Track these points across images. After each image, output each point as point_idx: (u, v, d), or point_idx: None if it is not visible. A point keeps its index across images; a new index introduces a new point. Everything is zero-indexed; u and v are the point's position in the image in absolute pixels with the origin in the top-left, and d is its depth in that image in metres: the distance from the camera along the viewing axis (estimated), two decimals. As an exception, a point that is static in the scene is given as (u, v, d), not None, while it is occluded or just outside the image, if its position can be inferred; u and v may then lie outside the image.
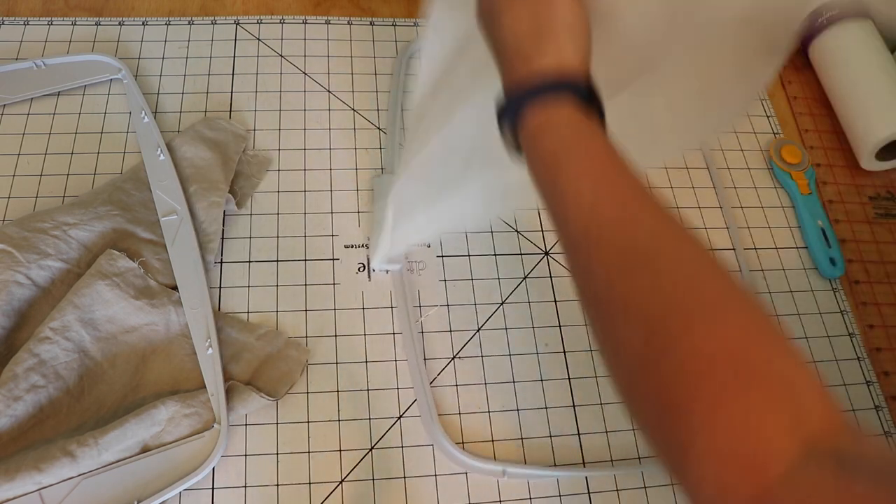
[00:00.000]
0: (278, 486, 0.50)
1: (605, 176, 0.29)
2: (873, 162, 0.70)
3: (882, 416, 0.58)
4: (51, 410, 0.49)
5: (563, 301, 0.60)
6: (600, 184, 0.29)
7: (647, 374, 0.26)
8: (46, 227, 0.53)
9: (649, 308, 0.26)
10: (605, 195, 0.28)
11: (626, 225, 0.28)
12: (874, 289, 0.65)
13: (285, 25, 0.71)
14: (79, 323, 0.51)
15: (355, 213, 0.61)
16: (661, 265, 0.27)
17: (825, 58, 0.73)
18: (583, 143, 0.30)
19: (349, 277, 0.58)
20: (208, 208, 0.58)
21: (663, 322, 0.25)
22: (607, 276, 0.27)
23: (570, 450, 0.54)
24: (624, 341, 0.27)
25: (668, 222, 0.28)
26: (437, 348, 0.56)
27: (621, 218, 0.28)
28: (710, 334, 0.25)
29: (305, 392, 0.54)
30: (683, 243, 0.28)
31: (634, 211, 0.28)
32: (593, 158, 0.30)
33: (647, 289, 0.26)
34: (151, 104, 0.64)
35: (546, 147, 0.31)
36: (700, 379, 0.24)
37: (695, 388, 0.24)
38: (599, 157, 0.30)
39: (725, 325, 0.25)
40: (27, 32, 0.67)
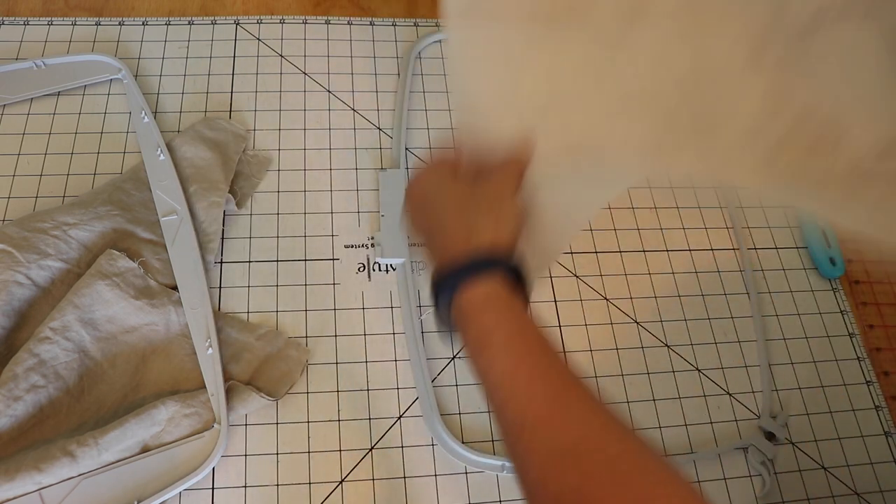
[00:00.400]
0: (278, 486, 0.50)
1: (537, 364, 0.31)
2: (873, 162, 0.70)
3: (882, 416, 0.58)
4: (51, 410, 0.49)
5: (563, 301, 0.60)
6: (533, 374, 0.30)
7: None
8: (46, 227, 0.53)
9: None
10: (538, 390, 0.30)
11: (556, 424, 0.29)
12: (874, 289, 0.65)
13: (285, 25, 0.71)
14: (79, 323, 0.51)
15: (355, 213, 0.61)
16: (588, 466, 0.28)
17: (825, 58, 0.73)
18: (514, 324, 0.32)
19: (349, 277, 0.58)
20: (208, 208, 0.58)
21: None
22: (541, 473, 0.29)
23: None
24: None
25: (595, 415, 0.30)
26: (437, 348, 0.56)
27: (552, 416, 0.29)
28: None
29: (305, 392, 0.54)
30: (611, 439, 0.29)
31: (565, 405, 0.30)
32: (525, 342, 0.32)
33: (575, 489, 0.27)
34: (151, 104, 0.64)
35: (483, 324, 0.32)
36: None
37: None
38: (529, 343, 0.32)
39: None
40: (27, 32, 0.67)
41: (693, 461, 0.54)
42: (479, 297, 0.33)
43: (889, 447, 0.57)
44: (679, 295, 0.61)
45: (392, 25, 0.72)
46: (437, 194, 0.38)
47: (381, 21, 0.73)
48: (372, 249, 0.60)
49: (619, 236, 0.63)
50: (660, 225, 0.64)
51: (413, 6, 0.74)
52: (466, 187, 0.38)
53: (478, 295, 0.33)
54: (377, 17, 0.73)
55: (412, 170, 0.40)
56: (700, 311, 0.61)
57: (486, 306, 0.33)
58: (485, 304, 0.33)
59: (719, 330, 0.60)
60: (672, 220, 0.65)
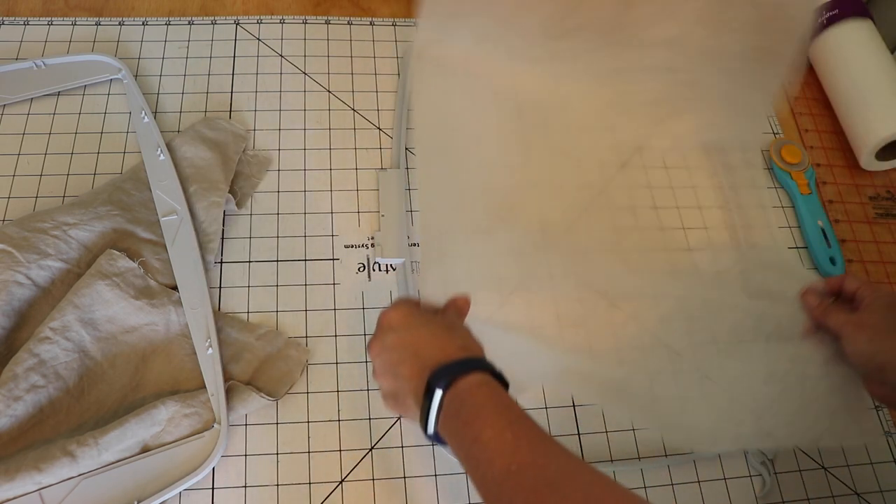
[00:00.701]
0: (278, 486, 0.50)
1: (521, 427, 0.38)
2: (873, 162, 0.70)
3: (882, 416, 0.58)
4: (51, 410, 0.49)
5: (563, 301, 0.60)
6: (518, 434, 0.38)
7: None
8: (46, 227, 0.53)
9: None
10: (523, 444, 0.37)
11: (539, 465, 0.36)
12: (874, 289, 0.65)
13: (285, 25, 0.71)
14: (79, 323, 0.51)
15: (355, 213, 0.61)
16: (566, 490, 0.34)
17: (825, 58, 0.73)
18: (501, 402, 0.40)
19: (349, 277, 0.58)
20: (208, 208, 0.58)
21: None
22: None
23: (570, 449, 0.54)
24: None
25: (568, 459, 0.37)
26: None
27: (536, 460, 0.36)
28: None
29: (305, 392, 0.54)
30: (583, 472, 0.36)
31: (545, 453, 0.37)
32: (510, 414, 0.39)
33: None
34: (151, 104, 0.64)
35: (477, 400, 0.40)
36: None
37: None
38: (514, 414, 0.39)
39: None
40: (27, 32, 0.67)
41: (693, 461, 0.54)
42: (472, 383, 0.40)
43: (889, 447, 0.57)
44: (679, 295, 0.61)
45: (392, 25, 0.72)
46: (416, 317, 0.46)
47: (381, 21, 0.73)
48: (372, 249, 0.60)
49: (619, 236, 0.63)
50: (660, 225, 0.64)
51: (413, 6, 0.74)
52: (434, 315, 0.47)
53: (471, 381, 0.40)
54: (377, 17, 0.73)
55: (383, 310, 0.48)
56: (700, 311, 0.61)
57: (478, 389, 0.40)
58: (478, 387, 0.40)
59: (720, 330, 0.60)
60: (672, 220, 0.65)
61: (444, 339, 0.44)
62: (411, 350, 0.43)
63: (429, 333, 0.44)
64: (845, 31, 0.72)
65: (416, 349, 0.43)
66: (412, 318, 0.46)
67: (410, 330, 0.45)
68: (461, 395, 0.40)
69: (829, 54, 0.73)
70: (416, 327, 0.45)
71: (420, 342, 0.44)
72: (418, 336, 0.44)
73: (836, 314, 0.54)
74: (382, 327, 0.46)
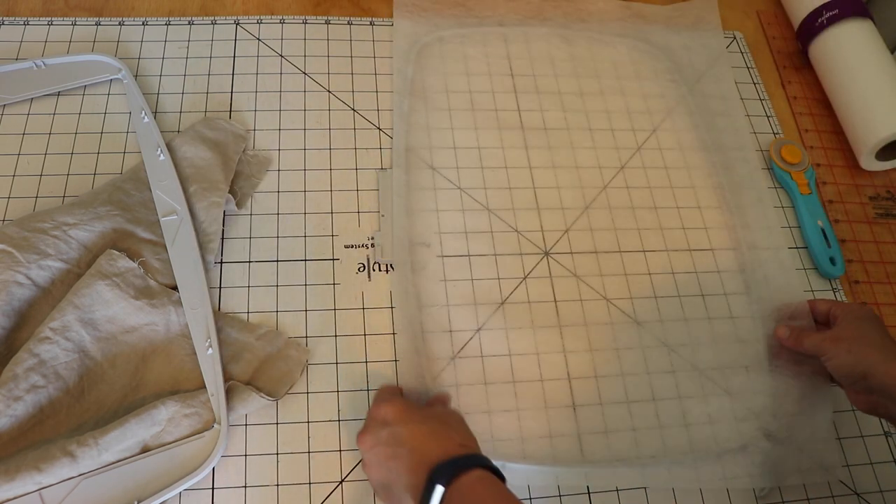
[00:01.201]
0: (278, 486, 0.50)
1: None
2: (873, 162, 0.70)
3: (882, 416, 0.58)
4: (51, 410, 0.49)
5: (563, 301, 0.60)
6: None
7: None
8: (46, 227, 0.53)
9: None
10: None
11: None
12: (874, 289, 0.65)
13: (285, 25, 0.71)
14: (79, 323, 0.51)
15: (355, 213, 0.61)
16: None
17: (825, 58, 0.73)
18: (501, 496, 0.42)
19: (349, 277, 0.58)
20: (208, 208, 0.58)
21: None
22: None
23: (570, 449, 0.54)
24: None
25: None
26: (437, 348, 0.56)
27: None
28: None
29: (305, 392, 0.54)
30: None
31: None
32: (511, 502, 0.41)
33: None
34: (151, 104, 0.64)
35: (478, 494, 0.41)
36: None
37: None
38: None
39: None
40: (27, 32, 0.67)
41: (693, 461, 0.54)
42: (472, 479, 0.42)
43: (889, 447, 0.57)
44: (679, 295, 0.61)
45: (392, 25, 0.72)
46: (412, 413, 0.47)
47: (381, 21, 0.73)
48: (372, 249, 0.60)
49: (619, 236, 0.63)
50: (660, 225, 0.64)
51: (413, 6, 0.74)
52: (431, 411, 0.48)
53: (471, 477, 0.42)
54: (377, 17, 0.73)
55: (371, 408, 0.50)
56: (700, 311, 0.61)
57: (479, 483, 0.42)
58: (478, 482, 0.42)
59: (719, 330, 0.60)
60: (672, 220, 0.65)
61: (442, 435, 0.45)
62: (409, 446, 0.44)
63: (428, 430, 0.45)
64: (845, 31, 0.72)
65: (414, 445, 0.44)
66: (408, 414, 0.46)
67: (408, 425, 0.45)
68: (462, 491, 0.41)
69: (829, 54, 0.73)
70: (413, 423, 0.45)
71: (418, 438, 0.44)
72: (416, 432, 0.45)
73: (811, 336, 0.55)
74: (376, 421, 0.47)
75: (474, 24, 0.73)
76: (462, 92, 0.68)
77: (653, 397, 0.57)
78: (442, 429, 0.45)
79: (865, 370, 0.50)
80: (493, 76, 0.70)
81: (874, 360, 0.50)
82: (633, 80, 0.73)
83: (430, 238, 0.60)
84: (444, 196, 0.63)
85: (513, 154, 0.66)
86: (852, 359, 0.51)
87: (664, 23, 0.76)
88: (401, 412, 0.46)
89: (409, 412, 0.47)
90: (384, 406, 0.47)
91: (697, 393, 0.57)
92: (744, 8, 0.82)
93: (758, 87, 0.75)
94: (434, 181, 0.63)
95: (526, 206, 0.63)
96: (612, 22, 0.76)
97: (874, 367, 0.49)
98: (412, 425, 0.45)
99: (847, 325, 0.54)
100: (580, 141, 0.68)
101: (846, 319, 0.54)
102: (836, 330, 0.54)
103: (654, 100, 0.72)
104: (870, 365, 0.50)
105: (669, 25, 0.76)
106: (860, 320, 0.54)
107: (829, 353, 0.53)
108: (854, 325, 0.53)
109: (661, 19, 0.77)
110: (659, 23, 0.76)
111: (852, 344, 0.52)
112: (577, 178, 0.66)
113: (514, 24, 0.74)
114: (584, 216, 0.64)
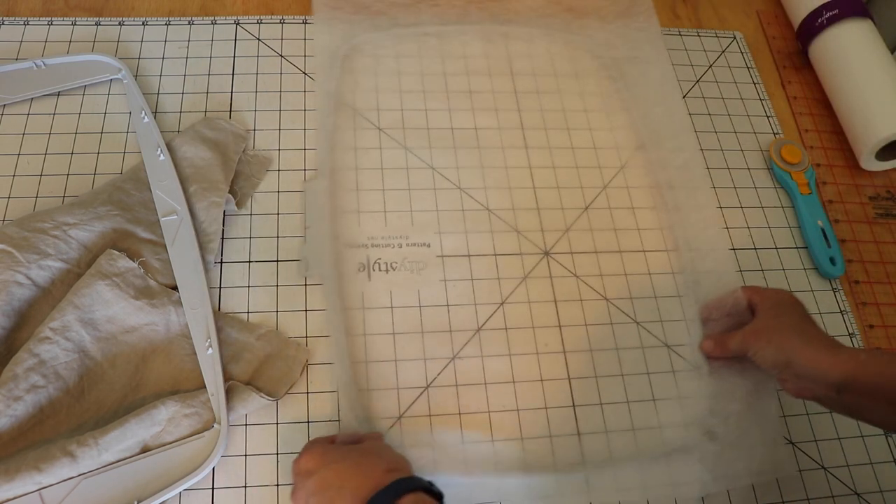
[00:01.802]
0: (278, 486, 0.50)
1: None
2: (873, 162, 0.70)
3: (882, 416, 0.58)
4: (51, 410, 0.49)
5: (563, 301, 0.60)
6: None
7: None
8: (46, 227, 0.53)
9: None
10: None
11: None
12: (874, 289, 0.65)
13: (285, 25, 0.71)
14: (79, 323, 0.51)
15: (356, 213, 0.61)
16: None
17: (825, 58, 0.73)
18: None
19: (349, 277, 0.58)
20: (208, 208, 0.58)
21: None
22: None
23: (570, 450, 0.54)
24: None
25: None
26: (437, 348, 0.56)
27: None
28: None
29: (305, 392, 0.54)
30: None
31: None
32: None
33: None
34: (151, 104, 0.64)
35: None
36: None
37: None
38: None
39: None
40: (27, 32, 0.67)
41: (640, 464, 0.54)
42: (408, 503, 0.40)
43: (889, 447, 0.57)
44: (679, 295, 0.61)
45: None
46: (331, 453, 0.45)
47: (381, 21, 0.73)
48: (372, 249, 0.60)
49: (618, 236, 0.63)
50: (660, 225, 0.64)
51: (413, 6, 0.74)
52: (351, 446, 0.47)
53: (407, 502, 0.40)
54: (377, 17, 0.73)
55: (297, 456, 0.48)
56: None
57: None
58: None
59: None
60: (672, 220, 0.65)
61: (367, 466, 0.43)
62: (335, 487, 0.42)
63: (351, 465, 0.44)
64: (845, 31, 0.72)
65: (341, 484, 0.42)
66: (327, 456, 0.45)
67: (329, 467, 0.44)
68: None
69: (829, 54, 0.73)
70: (334, 463, 0.44)
71: (343, 476, 0.43)
72: (339, 471, 0.43)
73: (731, 338, 0.55)
74: (300, 474, 0.45)
75: (396, 29, 0.70)
76: (395, 110, 0.67)
77: (653, 397, 0.57)
78: (365, 460, 0.44)
79: (788, 358, 0.50)
80: (425, 75, 0.69)
81: (794, 347, 0.50)
82: (571, 77, 0.71)
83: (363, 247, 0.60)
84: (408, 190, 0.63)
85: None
86: (773, 348, 0.51)
87: (596, 13, 0.75)
88: (320, 457, 0.45)
89: (328, 454, 0.45)
90: (303, 457, 0.46)
91: (698, 393, 0.57)
92: (744, 8, 0.82)
93: (758, 87, 0.75)
94: (358, 184, 0.62)
95: (454, 228, 0.64)
96: (543, 18, 0.74)
97: (795, 354, 0.49)
98: (334, 465, 0.44)
99: (765, 314, 0.53)
100: (512, 141, 0.67)
101: (763, 308, 0.54)
102: (756, 322, 0.54)
103: (591, 98, 0.70)
104: (791, 352, 0.49)
105: (602, 17, 0.74)
106: (777, 306, 0.53)
107: (753, 348, 0.52)
108: (771, 313, 0.53)
109: (591, 10, 0.75)
110: (590, 15, 0.75)
111: (772, 334, 0.51)
112: (506, 179, 0.65)
113: (439, 24, 0.72)
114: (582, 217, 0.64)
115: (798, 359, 0.49)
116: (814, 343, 0.49)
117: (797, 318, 0.52)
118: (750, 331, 0.53)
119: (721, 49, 0.77)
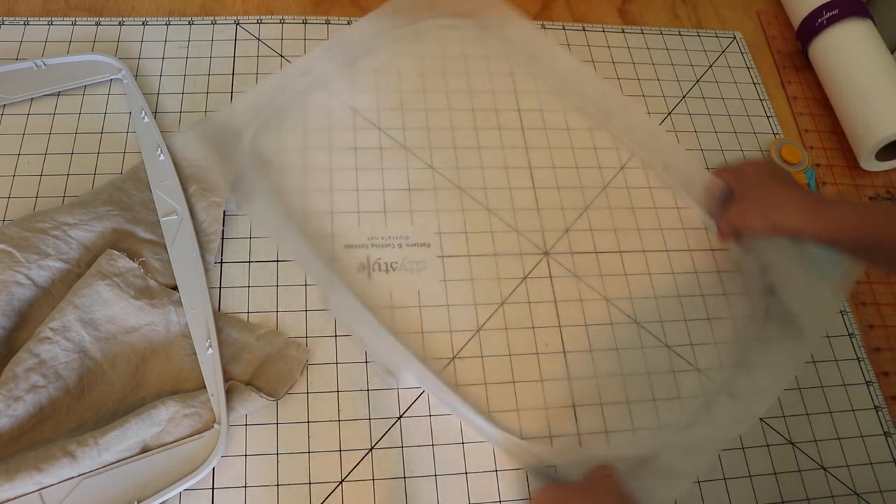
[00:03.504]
0: (278, 486, 0.50)
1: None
2: (873, 162, 0.70)
3: (882, 417, 0.58)
4: (51, 410, 0.49)
5: (563, 301, 0.60)
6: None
7: None
8: (46, 227, 0.53)
9: None
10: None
11: None
12: (874, 289, 0.65)
13: (285, 25, 0.71)
14: (79, 323, 0.51)
15: (356, 213, 0.61)
16: None
17: (825, 58, 0.73)
18: None
19: (349, 277, 0.58)
20: (208, 208, 0.58)
21: None
22: None
23: (570, 450, 0.54)
24: None
25: None
26: (437, 348, 0.56)
27: None
28: None
29: (305, 392, 0.54)
30: None
31: None
32: None
33: None
34: (151, 104, 0.64)
35: None
36: None
37: None
38: None
39: None
40: (27, 32, 0.67)
41: (693, 461, 0.54)
42: None
43: (889, 447, 0.57)
44: (679, 295, 0.61)
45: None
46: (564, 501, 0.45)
47: (381, 21, 0.72)
48: (372, 249, 0.60)
49: (618, 236, 0.63)
50: (660, 225, 0.65)
51: (413, 6, 0.74)
52: (584, 494, 0.46)
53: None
54: (377, 17, 0.73)
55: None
56: (700, 311, 0.61)
57: None
58: None
59: (719, 330, 0.60)
60: (672, 220, 0.65)
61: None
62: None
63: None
64: (845, 31, 0.72)
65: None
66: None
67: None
68: None
69: (829, 54, 0.73)
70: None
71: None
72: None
73: (722, 222, 0.60)
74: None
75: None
76: None
77: (653, 397, 0.57)
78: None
79: (773, 227, 0.54)
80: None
81: (777, 217, 0.54)
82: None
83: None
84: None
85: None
86: (759, 225, 0.55)
87: None
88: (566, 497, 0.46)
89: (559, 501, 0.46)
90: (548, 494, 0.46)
91: (698, 393, 0.57)
92: (744, 8, 0.82)
93: (758, 87, 0.75)
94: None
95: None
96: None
97: (779, 222, 0.54)
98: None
99: (742, 194, 0.57)
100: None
101: (739, 187, 0.58)
102: (738, 203, 0.58)
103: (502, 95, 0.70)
104: (775, 220, 0.54)
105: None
106: (747, 181, 0.57)
107: (741, 226, 0.57)
108: (745, 190, 0.57)
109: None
110: None
111: (751, 211, 0.56)
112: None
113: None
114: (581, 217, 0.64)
115: (782, 227, 0.54)
116: (790, 207, 0.53)
117: (770, 185, 0.56)
118: (733, 213, 0.57)
119: (721, 49, 0.77)
